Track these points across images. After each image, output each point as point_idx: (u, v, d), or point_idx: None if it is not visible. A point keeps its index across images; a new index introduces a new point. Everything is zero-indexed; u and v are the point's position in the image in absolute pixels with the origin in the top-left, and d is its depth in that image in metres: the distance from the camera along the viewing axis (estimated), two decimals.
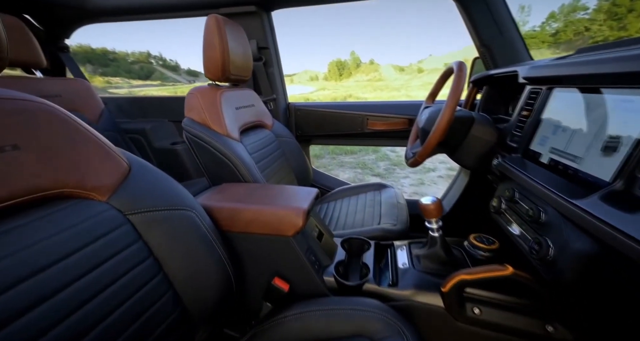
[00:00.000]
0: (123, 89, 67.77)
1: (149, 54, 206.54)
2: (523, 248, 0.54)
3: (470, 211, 1.26)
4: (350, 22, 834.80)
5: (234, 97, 1.04)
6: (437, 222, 0.67)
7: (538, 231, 0.51)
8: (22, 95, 0.42)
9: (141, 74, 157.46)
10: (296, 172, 1.30)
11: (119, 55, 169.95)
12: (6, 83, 1.04)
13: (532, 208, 0.53)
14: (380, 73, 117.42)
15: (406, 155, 1.02)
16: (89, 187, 0.46)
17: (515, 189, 0.61)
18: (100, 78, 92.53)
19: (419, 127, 0.94)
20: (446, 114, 0.72)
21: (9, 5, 1.22)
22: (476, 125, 0.82)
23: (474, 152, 0.84)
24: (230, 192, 0.79)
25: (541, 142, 0.59)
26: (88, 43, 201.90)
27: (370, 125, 1.44)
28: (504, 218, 0.64)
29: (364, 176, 3.87)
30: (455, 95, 0.72)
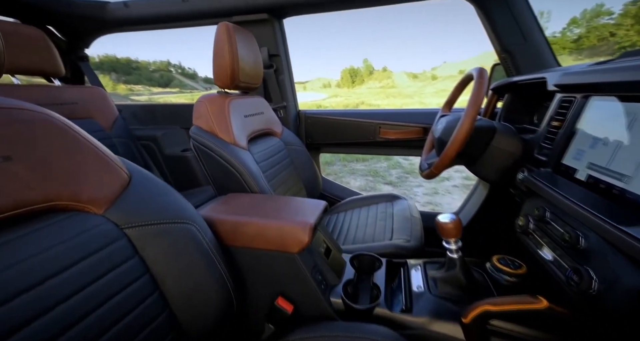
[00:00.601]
0: (144, 96, 71.02)
1: (169, 62, 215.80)
2: (557, 277, 0.47)
3: (491, 227, 1.17)
4: (363, 29, 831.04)
5: (243, 104, 1.02)
6: (457, 243, 0.61)
7: (576, 259, 0.45)
8: (20, 104, 0.40)
9: (161, 82, 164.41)
10: (305, 181, 1.26)
11: (141, 64, 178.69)
12: (25, 90, 1.07)
13: (569, 231, 0.46)
14: (393, 80, 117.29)
15: (421, 166, 0.96)
16: (84, 199, 0.44)
17: (546, 208, 0.55)
18: (124, 86, 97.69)
19: (435, 137, 0.89)
20: (465, 124, 0.67)
21: (34, 17, 1.28)
22: (498, 136, 0.75)
23: (496, 164, 0.78)
24: (235, 203, 0.76)
25: (576, 156, 0.53)
26: (114, 53, 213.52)
27: (382, 134, 1.39)
28: (533, 239, 0.57)
29: (375, 184, 3.79)
30: (475, 103, 0.67)
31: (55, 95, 1.15)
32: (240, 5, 1.17)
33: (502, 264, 0.63)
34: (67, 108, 1.18)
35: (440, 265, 0.69)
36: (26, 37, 1.05)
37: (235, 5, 1.17)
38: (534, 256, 0.55)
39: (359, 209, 1.26)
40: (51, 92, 1.14)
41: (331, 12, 1.24)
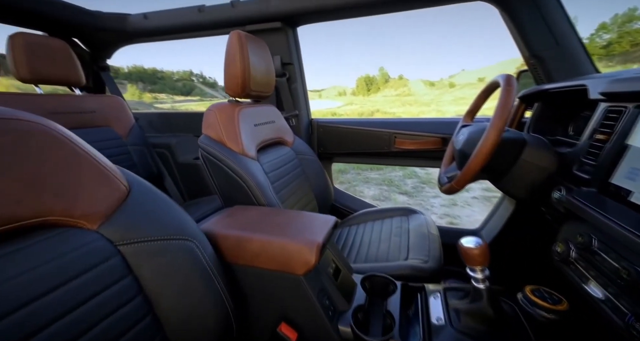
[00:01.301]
0: (167, 104, 74.53)
1: (191, 72, 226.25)
2: (612, 321, 0.39)
3: (519, 248, 1.07)
4: (379, 37, 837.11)
5: (253, 113, 1.00)
6: (483, 271, 0.53)
7: (639, 302, 0.37)
8: (17, 114, 0.39)
9: (183, 91, 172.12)
10: (316, 192, 1.21)
11: (165, 74, 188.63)
12: (47, 99, 1.11)
13: (626, 267, 0.38)
14: (409, 88, 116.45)
15: (440, 180, 0.89)
16: (77, 214, 0.41)
17: (593, 235, 0.47)
18: (149, 94, 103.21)
19: (456, 149, 0.82)
20: (491, 135, 0.60)
21: (60, 31, 1.34)
22: (529, 149, 0.68)
23: (526, 180, 0.70)
24: (240, 216, 0.72)
25: (630, 175, 0.45)
26: (142, 64, 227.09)
27: (398, 144, 1.33)
28: (576, 271, 0.49)
29: (390, 193, 3.68)
30: (503, 113, 0.60)
31: (76, 104, 1.19)
32: (254, 14, 1.17)
33: (538, 297, 0.55)
34: (86, 116, 1.21)
35: (464, 294, 0.61)
36: (51, 48, 1.09)
37: (249, 14, 1.17)
38: (579, 291, 0.47)
39: (372, 223, 1.19)
40: (72, 101, 1.18)
41: (346, 20, 1.22)
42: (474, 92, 0.90)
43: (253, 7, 1.16)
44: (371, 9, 1.12)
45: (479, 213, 2.94)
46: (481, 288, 0.54)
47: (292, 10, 1.13)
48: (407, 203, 3.38)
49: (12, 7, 1.07)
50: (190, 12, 1.24)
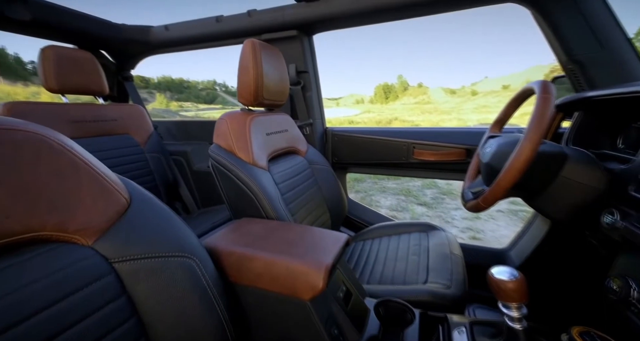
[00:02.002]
0: (191, 112, 78.15)
1: (215, 82, 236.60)
2: None
3: (556, 277, 0.95)
4: (398, 45, 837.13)
5: (265, 122, 0.98)
6: (520, 309, 0.45)
7: None
8: (15, 124, 0.37)
9: (207, 99, 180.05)
10: (329, 203, 1.16)
11: (191, 84, 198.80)
12: (73, 108, 1.16)
13: None
14: (428, 96, 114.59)
15: (463, 195, 0.81)
16: (71, 229, 0.39)
17: None
18: (176, 103, 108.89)
19: (483, 162, 0.74)
20: (526, 149, 0.53)
21: (90, 43, 1.42)
22: (571, 165, 0.59)
23: (567, 200, 0.61)
24: (247, 230, 0.69)
25: None
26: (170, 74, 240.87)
27: (416, 155, 1.25)
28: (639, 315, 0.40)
29: (407, 204, 3.54)
30: (540, 124, 0.53)
31: (98, 113, 1.23)
32: (270, 23, 1.17)
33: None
34: (108, 124, 1.25)
35: (495, 332, 0.53)
36: (78, 60, 1.14)
37: (265, 23, 1.17)
38: None
39: (387, 238, 1.12)
40: (94, 110, 1.22)
41: (364, 28, 1.19)
42: (497, 100, 0.82)
43: (269, 16, 1.16)
44: (391, 15, 1.08)
45: (505, 227, 2.74)
46: (517, 329, 0.46)
47: (308, 18, 1.11)
48: (426, 214, 3.23)
49: (47, 23, 1.13)
50: (208, 23, 1.26)
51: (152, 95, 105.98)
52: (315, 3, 1.08)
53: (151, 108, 66.75)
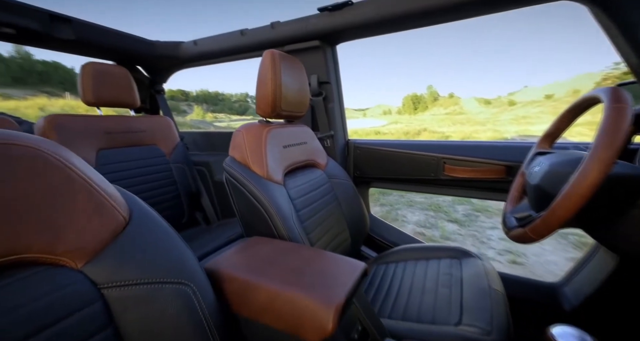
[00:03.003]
0: (224, 122, 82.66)
1: (247, 94, 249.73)
2: None
3: (623, 322, 0.77)
4: (428, 54, 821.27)
5: (283, 134, 0.94)
6: None
7: None
8: (11, 137, 0.36)
9: (239, 111, 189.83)
10: (349, 220, 1.08)
11: (225, 96, 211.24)
12: (103, 120, 1.22)
13: None
14: (460, 106, 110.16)
15: (505, 221, 0.69)
16: (60, 250, 0.36)
17: None
18: (211, 114, 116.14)
19: (530, 183, 0.63)
20: (594, 171, 0.42)
21: (127, 59, 1.52)
22: None
23: None
24: (254, 251, 0.63)
25: None
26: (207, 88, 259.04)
27: (447, 171, 1.13)
28: None
29: (437, 220, 3.30)
30: (612, 140, 0.42)
31: (128, 124, 1.29)
32: (293, 34, 1.15)
33: None
34: (137, 135, 1.30)
35: None
36: (114, 75, 1.21)
37: (288, 34, 1.16)
38: None
39: (414, 263, 1.00)
40: (125, 121, 1.28)
41: (392, 36, 1.13)
42: (539, 111, 0.70)
43: (292, 27, 1.14)
44: (422, 21, 1.01)
45: (553, 253, 2.42)
46: None
47: (331, 27, 1.08)
48: (458, 233, 2.98)
49: (89, 42, 1.23)
50: (234, 36, 1.28)
51: (190, 107, 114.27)
52: (338, 12, 1.04)
53: (189, 119, 71.88)
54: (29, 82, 60.00)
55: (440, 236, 2.92)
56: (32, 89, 48.70)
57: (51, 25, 1.07)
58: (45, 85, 55.71)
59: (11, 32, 1.02)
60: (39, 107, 23.83)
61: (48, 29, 1.06)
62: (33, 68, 63.73)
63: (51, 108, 25.37)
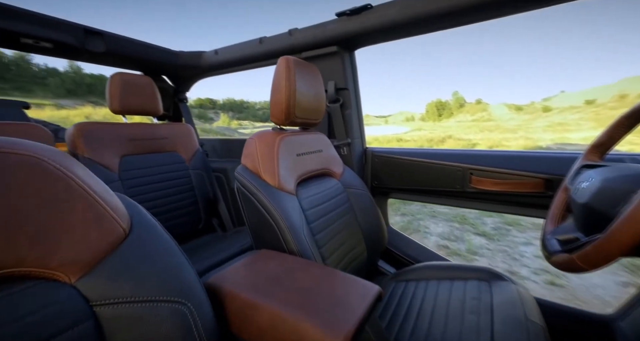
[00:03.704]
0: (248, 129, 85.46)
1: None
2: None
3: None
4: (453, 59, 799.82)
5: (297, 141, 0.91)
6: None
7: None
8: (10, 145, 0.35)
9: (263, 118, 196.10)
10: (366, 232, 1.02)
11: (250, 104, 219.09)
12: (128, 127, 1.28)
13: None
14: (489, 113, 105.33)
15: (546, 244, 0.60)
16: (53, 264, 0.34)
17: None
18: (236, 121, 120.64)
19: (577, 201, 0.54)
20: None
21: (153, 70, 1.59)
22: None
23: None
24: (261, 266, 0.60)
25: None
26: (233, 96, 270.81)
27: (474, 183, 1.04)
28: None
29: (462, 233, 3.10)
30: None
31: (151, 131, 1.33)
32: (310, 40, 1.14)
33: None
34: (158, 142, 1.35)
35: None
36: (139, 85, 1.27)
37: (305, 41, 1.15)
38: None
39: (436, 282, 0.91)
40: (148, 129, 1.33)
41: (416, 40, 1.08)
42: (578, 117, 0.60)
43: (309, 34, 1.13)
44: (446, 22, 0.95)
45: (599, 274, 2.15)
46: None
47: (350, 32, 1.05)
48: (486, 247, 2.76)
49: (118, 53, 1.29)
50: (252, 45, 1.29)
51: (217, 115, 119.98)
52: (357, 16, 1.01)
53: (215, 126, 75.30)
54: (79, 93, 66.61)
55: (467, 250, 2.73)
56: (81, 99, 54.02)
57: (85, 39, 1.14)
58: (91, 95, 61.48)
59: (49, 47, 1.10)
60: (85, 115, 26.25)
61: (82, 42, 1.13)
62: (82, 80, 70.73)
63: (95, 116, 27.88)
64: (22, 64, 77.01)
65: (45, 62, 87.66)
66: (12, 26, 0.95)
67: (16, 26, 0.96)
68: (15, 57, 73.76)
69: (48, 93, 63.68)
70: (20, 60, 75.81)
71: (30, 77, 74.04)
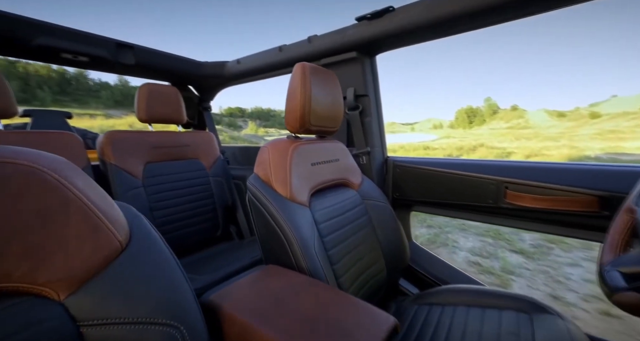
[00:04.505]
0: (274, 136, 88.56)
1: None
2: None
3: None
4: (486, 62, 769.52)
5: (312, 150, 0.87)
6: None
7: None
8: (6, 154, 0.34)
9: None
10: (385, 248, 0.95)
11: (276, 113, 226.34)
12: (153, 135, 1.33)
13: None
14: (526, 120, 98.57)
15: (604, 276, 0.49)
16: (42, 280, 0.33)
17: None
18: (263, 129, 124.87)
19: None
20: None
21: (180, 80, 1.66)
22: None
23: None
24: (266, 285, 0.56)
25: None
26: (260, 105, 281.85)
27: (511, 198, 0.92)
28: None
29: (496, 249, 2.83)
30: None
31: (174, 139, 1.38)
32: (330, 46, 1.11)
33: None
34: (181, 149, 1.39)
35: None
36: (165, 94, 1.32)
37: (324, 47, 1.13)
38: None
39: (465, 309, 0.81)
40: (172, 137, 1.37)
41: (445, 43, 1.01)
42: (634, 124, 0.48)
43: (329, 40, 1.10)
44: (475, 22, 0.87)
45: None
46: None
47: (370, 37, 1.01)
48: (524, 267, 2.49)
49: (148, 65, 1.36)
50: (272, 53, 1.30)
51: (245, 123, 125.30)
52: (377, 20, 0.97)
53: (243, 134, 78.55)
54: (125, 104, 73.78)
55: (501, 268, 2.48)
56: (126, 110, 59.62)
57: (117, 52, 1.21)
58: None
59: (86, 60, 1.18)
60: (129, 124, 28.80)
61: (114, 55, 1.20)
62: (129, 92, 78.52)
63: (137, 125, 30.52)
64: (81, 79, 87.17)
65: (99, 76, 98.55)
66: (55, 43, 1.04)
67: (58, 43, 1.04)
68: (76, 73, 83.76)
69: (100, 104, 71.35)
70: (79, 76, 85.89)
71: (86, 91, 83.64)
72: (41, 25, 1.00)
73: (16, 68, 69.44)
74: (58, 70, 71.04)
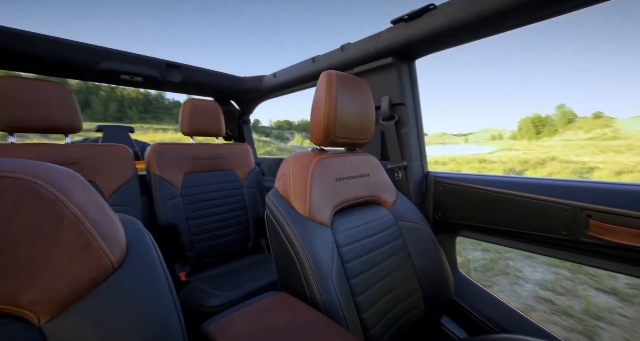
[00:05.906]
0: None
1: None
2: None
3: None
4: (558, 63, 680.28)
5: (337, 164, 0.80)
6: None
7: None
8: (6, 167, 0.33)
9: None
10: (423, 278, 0.81)
11: None
12: (193, 147, 1.41)
13: None
14: (614, 129, 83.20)
15: None
16: (24, 302, 0.31)
17: None
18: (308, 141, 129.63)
19: None
20: None
21: (223, 96, 1.76)
22: None
23: None
24: (272, 318, 0.49)
25: None
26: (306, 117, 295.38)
27: (594, 231, 0.69)
28: None
29: (576, 286, 2.31)
30: None
31: (213, 151, 1.44)
32: (363, 54, 1.05)
33: None
34: (218, 161, 1.44)
35: None
36: (207, 109, 1.40)
37: (358, 55, 1.06)
38: None
39: None
40: (211, 149, 1.44)
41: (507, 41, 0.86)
42: None
43: (362, 47, 1.04)
44: (534, 14, 0.72)
45: None
46: None
47: (407, 40, 0.91)
48: (618, 312, 1.96)
49: (193, 82, 1.47)
50: (306, 64, 1.29)
51: (292, 135, 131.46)
52: (416, 21, 0.87)
53: (290, 145, 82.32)
54: None
55: (583, 310, 1.99)
56: None
57: (166, 71, 1.33)
58: None
59: (140, 80, 1.32)
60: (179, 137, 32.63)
61: (163, 74, 1.33)
62: None
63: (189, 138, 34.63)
64: (159, 99, 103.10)
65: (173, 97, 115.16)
66: (116, 66, 1.18)
67: (118, 66, 1.19)
68: (156, 94, 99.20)
69: (172, 120, 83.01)
70: (158, 97, 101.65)
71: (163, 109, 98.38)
72: (105, 51, 1.15)
73: (115, 92, 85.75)
74: (144, 93, 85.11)
